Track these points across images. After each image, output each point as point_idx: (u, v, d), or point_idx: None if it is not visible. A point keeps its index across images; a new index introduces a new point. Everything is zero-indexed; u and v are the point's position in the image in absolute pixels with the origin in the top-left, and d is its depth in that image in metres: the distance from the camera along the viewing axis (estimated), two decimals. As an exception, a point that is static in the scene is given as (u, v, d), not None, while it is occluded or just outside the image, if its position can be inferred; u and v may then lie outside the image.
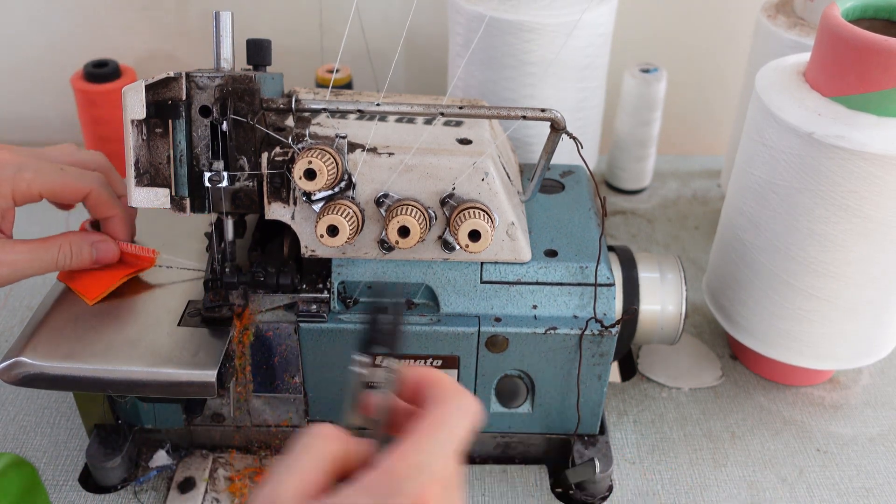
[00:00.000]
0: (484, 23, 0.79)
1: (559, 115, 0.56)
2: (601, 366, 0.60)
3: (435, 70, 1.09)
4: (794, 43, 0.79)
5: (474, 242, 0.54)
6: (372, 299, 0.60)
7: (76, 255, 0.59)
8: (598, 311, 0.60)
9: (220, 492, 0.65)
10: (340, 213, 0.53)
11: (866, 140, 0.58)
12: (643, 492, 0.65)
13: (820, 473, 0.67)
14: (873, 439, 0.70)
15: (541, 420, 0.64)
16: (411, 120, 0.62)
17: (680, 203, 1.00)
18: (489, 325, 0.59)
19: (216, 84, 0.53)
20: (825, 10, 0.61)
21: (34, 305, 0.80)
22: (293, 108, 0.55)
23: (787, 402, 0.74)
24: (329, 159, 0.52)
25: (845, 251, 0.63)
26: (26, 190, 0.57)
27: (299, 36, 1.06)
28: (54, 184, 0.58)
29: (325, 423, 0.38)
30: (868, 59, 0.57)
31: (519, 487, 0.64)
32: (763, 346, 0.70)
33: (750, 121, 0.67)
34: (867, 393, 0.75)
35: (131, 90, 0.53)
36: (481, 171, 0.56)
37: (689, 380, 0.75)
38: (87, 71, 0.91)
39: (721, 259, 0.73)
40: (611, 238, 0.93)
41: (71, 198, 0.59)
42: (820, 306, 0.66)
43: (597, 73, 0.85)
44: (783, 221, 0.64)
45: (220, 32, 0.55)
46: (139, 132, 0.54)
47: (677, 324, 0.65)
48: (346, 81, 0.97)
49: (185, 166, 0.55)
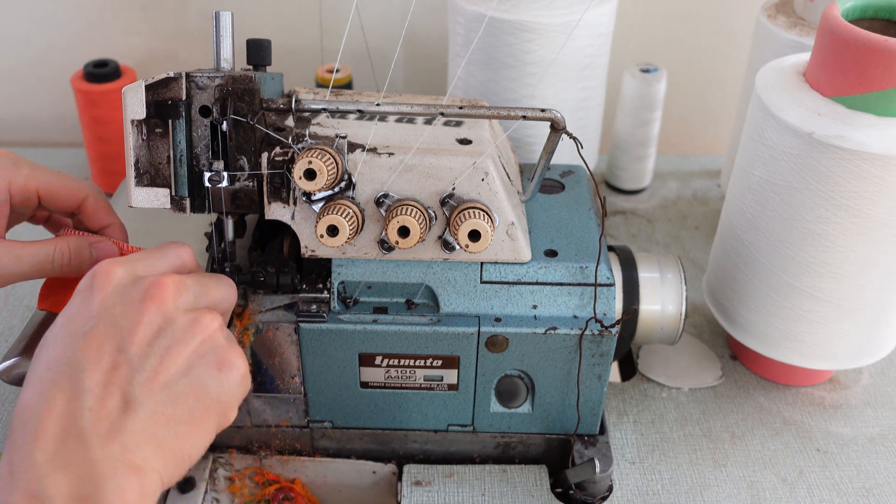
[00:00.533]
0: (484, 23, 0.79)
1: (559, 115, 0.56)
2: (601, 366, 0.60)
3: (435, 70, 1.09)
4: (794, 43, 0.79)
5: (474, 242, 0.54)
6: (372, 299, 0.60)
7: (75, 255, 0.55)
8: (598, 311, 0.60)
9: (220, 492, 0.65)
10: (340, 213, 0.53)
11: (866, 140, 0.58)
12: (643, 492, 0.65)
13: (820, 473, 0.67)
14: (873, 439, 0.70)
15: (541, 420, 0.64)
16: (411, 120, 0.62)
17: (680, 203, 1.00)
18: (489, 325, 0.59)
19: (216, 84, 0.53)
20: (825, 10, 0.61)
21: (34, 305, 0.80)
22: (293, 108, 0.55)
23: (787, 402, 0.74)
24: (329, 159, 0.52)
25: (845, 251, 0.63)
26: (23, 185, 0.55)
27: (299, 36, 1.06)
28: (52, 183, 0.56)
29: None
30: (868, 59, 0.57)
31: (519, 487, 0.64)
32: (763, 346, 0.70)
33: (750, 121, 0.67)
34: (867, 393, 0.75)
35: (131, 90, 0.53)
36: (481, 171, 0.56)
37: (689, 380, 0.75)
38: (87, 71, 0.91)
39: (721, 259, 0.73)
40: (611, 238, 0.93)
41: (68, 201, 0.57)
42: (820, 306, 0.66)
43: (597, 73, 0.85)
44: (783, 221, 0.64)
45: (220, 32, 0.55)
46: (139, 132, 0.54)
47: (677, 324, 0.65)
48: (346, 81, 0.97)
49: (185, 166, 0.55)
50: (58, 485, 0.39)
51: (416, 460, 0.67)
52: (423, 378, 0.61)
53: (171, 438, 0.44)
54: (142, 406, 0.43)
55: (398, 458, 0.67)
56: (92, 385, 0.42)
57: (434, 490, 0.64)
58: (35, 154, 1.04)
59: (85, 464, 0.40)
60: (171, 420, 0.44)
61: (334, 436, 0.66)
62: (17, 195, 0.55)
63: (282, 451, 0.66)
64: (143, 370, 0.43)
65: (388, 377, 0.61)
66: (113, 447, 0.41)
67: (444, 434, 0.65)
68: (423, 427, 0.65)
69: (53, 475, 0.39)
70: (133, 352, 0.44)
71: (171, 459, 0.43)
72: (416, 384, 0.62)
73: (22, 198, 0.56)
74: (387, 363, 0.60)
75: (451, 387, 0.62)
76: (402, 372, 0.61)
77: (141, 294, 0.45)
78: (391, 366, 0.61)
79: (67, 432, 0.41)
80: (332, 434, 0.66)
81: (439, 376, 0.61)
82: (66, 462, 0.40)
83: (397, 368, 0.61)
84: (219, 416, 0.47)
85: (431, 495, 0.63)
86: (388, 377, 0.61)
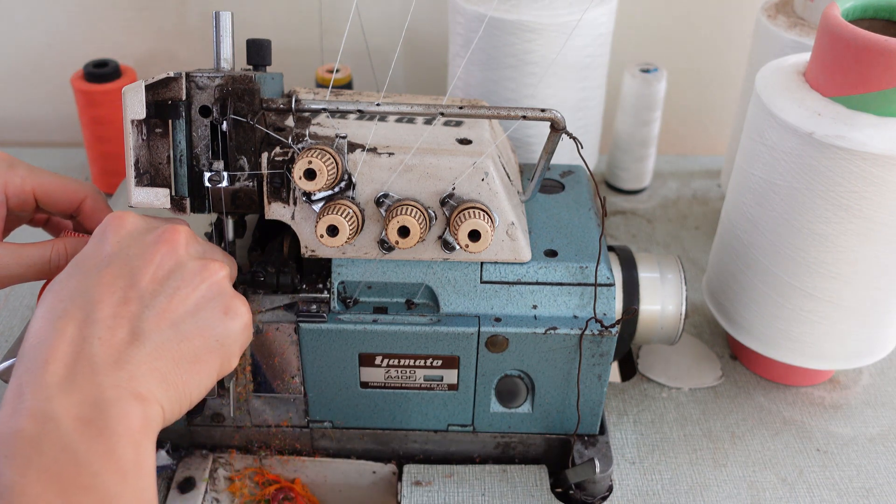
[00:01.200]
0: (484, 23, 0.79)
1: (559, 115, 0.56)
2: (601, 366, 0.60)
3: (435, 70, 1.09)
4: (794, 43, 0.79)
5: (474, 242, 0.54)
6: (372, 299, 0.60)
7: (72, 256, 0.53)
8: (598, 311, 0.60)
9: (220, 492, 0.65)
10: (340, 213, 0.53)
11: (866, 140, 0.58)
12: (643, 492, 0.65)
13: (820, 473, 0.67)
14: (873, 439, 0.70)
15: (541, 420, 0.64)
16: (411, 120, 0.62)
17: (680, 203, 1.00)
18: (489, 325, 0.59)
19: (216, 84, 0.53)
20: (825, 10, 0.61)
21: (34, 305, 0.80)
22: (293, 108, 0.55)
23: (787, 402, 0.74)
24: (329, 159, 0.52)
25: (845, 251, 0.63)
26: (20, 186, 0.55)
27: (299, 36, 1.06)
28: (49, 183, 0.56)
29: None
30: (868, 59, 0.57)
31: (519, 487, 0.64)
32: (763, 346, 0.70)
33: (750, 121, 0.67)
34: (867, 393, 0.75)
35: (131, 90, 0.53)
36: (481, 171, 0.56)
37: (689, 380, 0.75)
38: (87, 71, 0.91)
39: (721, 259, 0.73)
40: (611, 238, 0.93)
41: (66, 202, 0.57)
42: (820, 306, 0.66)
43: (597, 73, 0.85)
44: (783, 221, 0.64)
45: (220, 32, 0.55)
46: (139, 132, 0.54)
47: (677, 324, 0.65)
48: (346, 81, 0.97)
49: (185, 166, 0.55)
50: (65, 405, 0.40)
51: (416, 460, 0.67)
52: (423, 378, 0.61)
53: (175, 375, 0.45)
54: (149, 340, 0.44)
55: (398, 458, 0.67)
56: (103, 316, 0.44)
57: (434, 490, 0.64)
58: (35, 154, 1.04)
59: (92, 388, 0.41)
60: (176, 357, 0.46)
61: (334, 436, 0.66)
62: (14, 197, 0.55)
63: (282, 451, 0.66)
64: (152, 307, 0.46)
65: (388, 377, 0.61)
66: (120, 375, 0.42)
67: (444, 434, 0.65)
68: (423, 427, 0.65)
69: (61, 397, 0.41)
70: (144, 288, 0.46)
71: (174, 395, 0.45)
72: (416, 384, 0.62)
73: (19, 200, 0.56)
74: (387, 363, 0.60)
75: (451, 387, 0.62)
76: (402, 372, 0.61)
77: (155, 237, 0.49)
78: (391, 366, 0.61)
79: (77, 358, 0.42)
80: (332, 434, 0.66)
81: (439, 376, 0.61)
82: (74, 385, 0.41)
83: (397, 368, 0.61)
84: (221, 360, 0.49)
85: (431, 495, 0.63)
86: (388, 377, 0.61)
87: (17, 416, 0.40)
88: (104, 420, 0.41)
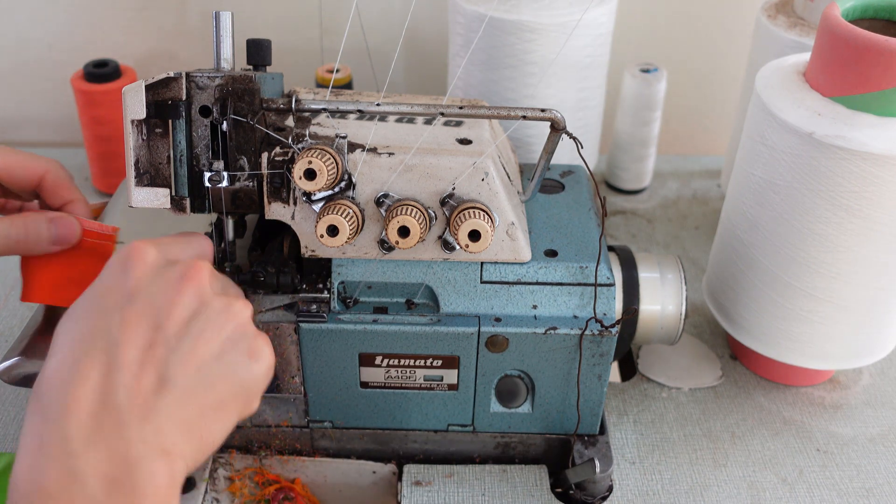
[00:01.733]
0: (484, 23, 0.79)
1: (559, 115, 0.56)
2: (601, 366, 0.60)
3: (435, 70, 1.09)
4: (794, 43, 0.79)
5: (474, 242, 0.54)
6: (372, 299, 0.60)
7: (32, 231, 0.52)
8: (598, 311, 0.60)
9: (220, 492, 0.65)
10: (340, 213, 0.53)
11: (866, 140, 0.58)
12: (643, 492, 0.65)
13: (820, 473, 0.67)
14: (873, 439, 0.70)
15: (541, 420, 0.64)
16: (411, 120, 0.62)
17: (680, 203, 1.00)
18: (489, 325, 0.59)
19: (216, 84, 0.53)
20: (825, 10, 0.61)
21: (34, 305, 0.80)
22: (293, 108, 0.55)
23: (787, 402, 0.74)
24: (329, 159, 0.52)
25: (845, 251, 0.63)
26: None
27: (299, 36, 1.06)
28: (8, 159, 0.54)
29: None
30: (868, 59, 0.57)
31: (519, 487, 0.64)
32: (763, 346, 0.70)
33: (750, 121, 0.67)
34: (867, 393, 0.75)
35: (131, 90, 0.53)
36: (481, 171, 0.56)
37: (689, 380, 0.75)
38: (87, 71, 0.91)
39: (721, 259, 0.73)
40: (611, 238, 0.93)
41: (26, 178, 0.55)
42: (820, 306, 0.66)
43: (597, 73, 0.85)
44: (783, 221, 0.64)
45: (220, 32, 0.55)
46: (139, 132, 0.54)
47: (677, 324, 0.65)
48: (346, 81, 0.97)
49: (185, 166, 0.55)
50: (91, 463, 0.38)
51: (416, 460, 0.67)
52: (423, 378, 0.61)
53: (199, 423, 0.43)
54: (175, 387, 0.42)
55: (398, 458, 0.67)
56: (128, 361, 0.41)
57: (434, 490, 0.64)
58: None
59: (120, 443, 0.39)
60: (201, 404, 0.43)
61: (334, 436, 0.66)
62: None
63: (282, 451, 0.66)
64: (178, 351, 0.43)
65: (388, 377, 0.61)
66: (147, 428, 0.40)
67: (444, 434, 0.65)
68: (423, 427, 0.65)
69: (87, 452, 0.39)
70: (170, 331, 0.43)
71: (197, 445, 0.43)
72: (416, 384, 0.62)
73: None
74: (387, 363, 0.61)
75: (451, 387, 0.62)
76: (402, 372, 0.61)
77: (179, 274, 0.45)
78: (391, 366, 0.61)
79: (103, 408, 0.40)
80: (332, 434, 0.66)
81: (439, 376, 0.61)
82: (100, 440, 0.39)
83: (397, 368, 0.61)
84: (243, 404, 0.46)
85: (431, 495, 0.63)
86: (388, 377, 0.61)
87: (40, 471, 0.38)
88: (132, 480, 0.39)
